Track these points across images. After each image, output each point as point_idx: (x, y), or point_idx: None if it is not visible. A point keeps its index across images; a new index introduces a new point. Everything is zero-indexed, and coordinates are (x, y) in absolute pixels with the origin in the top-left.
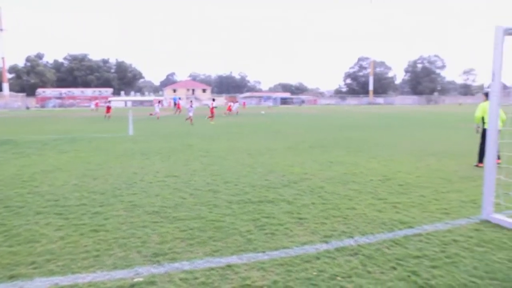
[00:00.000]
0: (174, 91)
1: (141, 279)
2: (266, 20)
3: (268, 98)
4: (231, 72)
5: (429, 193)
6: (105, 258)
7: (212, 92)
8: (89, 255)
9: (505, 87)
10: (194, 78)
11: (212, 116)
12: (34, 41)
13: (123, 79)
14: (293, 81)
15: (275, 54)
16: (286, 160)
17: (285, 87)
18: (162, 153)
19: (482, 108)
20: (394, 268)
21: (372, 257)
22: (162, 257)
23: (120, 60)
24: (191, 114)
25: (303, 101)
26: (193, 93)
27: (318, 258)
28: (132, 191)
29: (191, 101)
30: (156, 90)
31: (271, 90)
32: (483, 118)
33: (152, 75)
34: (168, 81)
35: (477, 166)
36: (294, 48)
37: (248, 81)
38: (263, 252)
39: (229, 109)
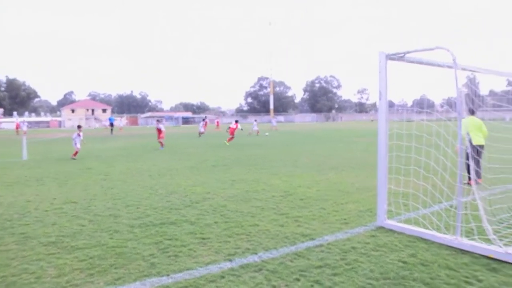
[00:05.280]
0: (73, 111)
1: None
2: (166, 38)
3: (170, 118)
4: (132, 91)
5: (329, 205)
6: None
7: (113, 112)
8: None
9: (391, 104)
10: (93, 97)
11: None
12: None
13: (15, 98)
14: (194, 100)
15: (176, 73)
16: (188, 180)
17: (187, 106)
18: (59, 178)
19: (465, 124)
20: (298, 280)
21: (276, 271)
22: None
23: (11, 77)
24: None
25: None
26: (92, 113)
27: (222, 277)
28: (24, 221)
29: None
30: (53, 110)
31: (173, 109)
32: (468, 134)
33: (49, 94)
34: (66, 101)
35: (469, 184)
36: (195, 66)
37: (150, 101)
38: (167, 275)
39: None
